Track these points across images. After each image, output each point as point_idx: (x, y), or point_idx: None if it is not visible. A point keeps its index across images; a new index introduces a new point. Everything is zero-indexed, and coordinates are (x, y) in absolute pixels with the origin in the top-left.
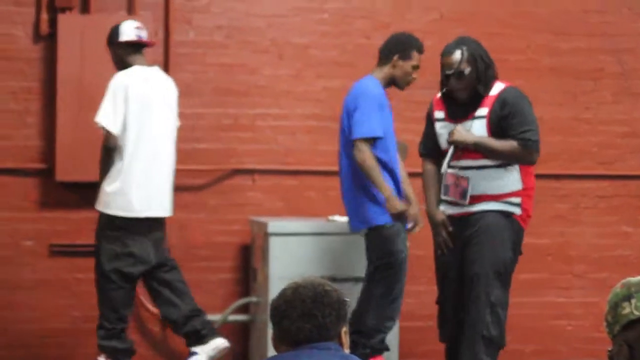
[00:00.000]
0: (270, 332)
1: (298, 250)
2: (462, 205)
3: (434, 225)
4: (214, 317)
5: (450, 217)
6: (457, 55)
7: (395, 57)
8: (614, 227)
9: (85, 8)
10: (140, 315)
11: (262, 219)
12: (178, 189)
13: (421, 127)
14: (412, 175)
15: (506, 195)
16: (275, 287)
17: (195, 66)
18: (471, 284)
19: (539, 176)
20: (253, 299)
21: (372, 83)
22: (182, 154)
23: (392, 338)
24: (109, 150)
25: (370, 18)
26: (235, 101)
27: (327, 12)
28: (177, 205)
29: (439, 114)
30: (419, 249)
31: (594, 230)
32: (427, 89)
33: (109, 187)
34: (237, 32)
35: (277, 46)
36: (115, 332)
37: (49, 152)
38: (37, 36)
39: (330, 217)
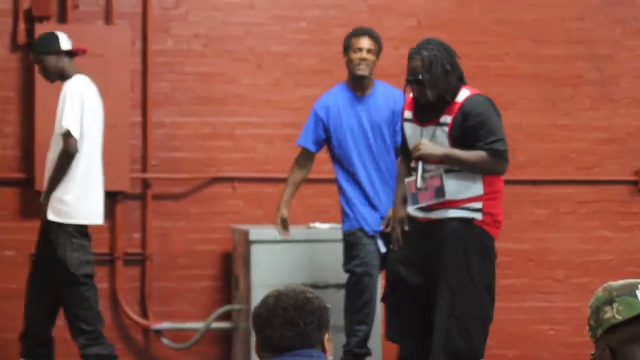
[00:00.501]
0: (253, 339)
1: (279, 257)
2: (428, 211)
3: (393, 220)
4: (196, 325)
5: (416, 220)
6: (417, 61)
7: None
8: (594, 232)
9: (62, 18)
10: (123, 324)
11: (244, 227)
12: (158, 197)
13: None
14: None
15: (466, 201)
16: (257, 294)
17: (173, 75)
18: (435, 297)
19: (517, 182)
20: (235, 306)
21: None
22: (162, 163)
23: (375, 342)
24: (71, 157)
25: (348, 26)
26: (214, 110)
27: (305, 21)
28: (157, 213)
29: (407, 114)
30: None
31: (574, 235)
32: None
33: (66, 195)
34: (215, 41)
35: (256, 55)
36: (97, 334)
37: (27, 161)
38: (14, 46)
39: (312, 224)
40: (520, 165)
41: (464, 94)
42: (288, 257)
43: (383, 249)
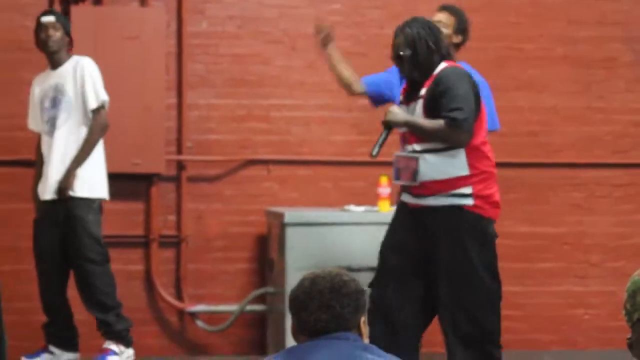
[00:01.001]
0: (288, 322)
1: (314, 240)
2: (417, 197)
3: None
4: (231, 307)
5: (409, 207)
6: (400, 38)
7: None
8: (629, 215)
9: (98, 0)
10: (158, 306)
11: (279, 210)
12: (193, 179)
13: None
14: None
15: (454, 184)
16: (292, 277)
17: (208, 57)
18: (432, 288)
19: (553, 165)
20: (270, 289)
21: None
22: (197, 145)
23: None
24: (105, 130)
25: (383, 8)
26: (249, 92)
27: (339, 3)
28: (192, 196)
29: (400, 96)
30: None
31: (609, 219)
32: None
33: (92, 171)
34: (249, 22)
35: (290, 37)
36: (121, 309)
37: None
38: None
39: (346, 207)
40: (555, 148)
41: (441, 66)
42: (323, 239)
43: None
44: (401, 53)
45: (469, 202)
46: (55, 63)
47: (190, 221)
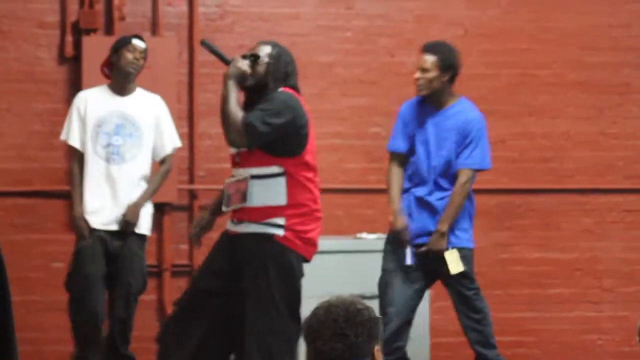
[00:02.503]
0: (302, 350)
1: (327, 268)
2: (236, 224)
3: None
4: None
5: (229, 234)
6: (268, 47)
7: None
8: None
9: (109, 30)
10: None
11: None
12: (205, 208)
13: None
14: None
15: (270, 213)
16: (305, 305)
17: (219, 86)
18: (235, 313)
19: (565, 190)
20: None
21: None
22: (209, 174)
23: (423, 355)
24: (170, 173)
25: (394, 36)
26: None
27: (350, 31)
28: None
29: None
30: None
31: (621, 244)
32: None
33: (149, 210)
34: None
35: (301, 65)
36: None
37: None
38: (62, 58)
39: (358, 235)
40: (568, 173)
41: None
42: (335, 267)
43: (408, 261)
44: (260, 54)
45: (280, 232)
46: (124, 89)
47: (202, 250)
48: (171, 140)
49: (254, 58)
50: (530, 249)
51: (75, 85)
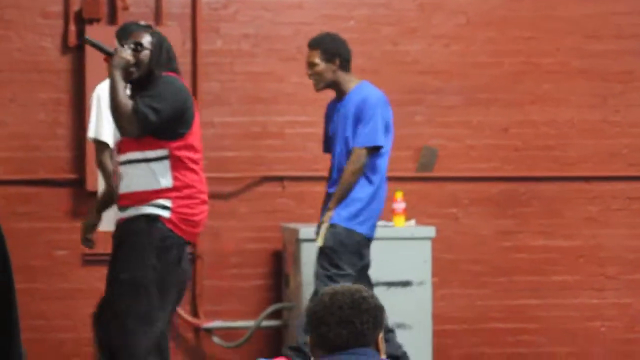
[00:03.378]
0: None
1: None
2: (120, 210)
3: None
4: (247, 323)
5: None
6: (146, 34)
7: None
8: None
9: (112, 19)
10: (174, 323)
11: (294, 226)
12: (209, 196)
13: (453, 131)
14: (444, 179)
15: (154, 195)
16: (307, 292)
17: (223, 75)
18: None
19: (569, 178)
20: (285, 304)
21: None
22: (212, 163)
23: (426, 342)
24: None
25: (397, 24)
26: (264, 109)
27: (353, 20)
28: (208, 213)
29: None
30: (449, 253)
31: (625, 231)
32: (456, 94)
33: None
34: (264, 40)
35: (304, 54)
36: None
37: (79, 162)
38: (65, 48)
39: None
40: (571, 161)
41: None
42: None
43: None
44: (142, 41)
45: (165, 213)
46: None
47: (205, 238)
48: None
49: (135, 46)
50: (534, 236)
51: (78, 75)
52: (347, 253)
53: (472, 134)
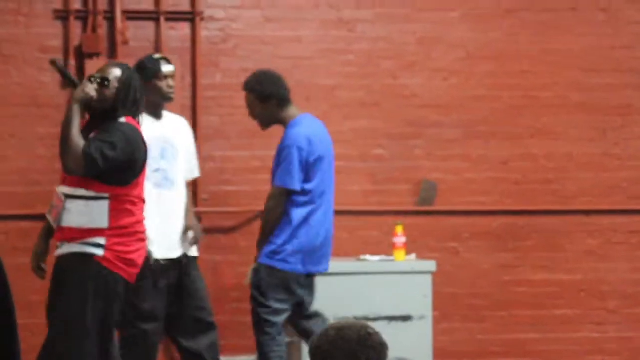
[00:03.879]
0: None
1: (331, 290)
2: (58, 245)
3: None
4: (248, 358)
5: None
6: (116, 69)
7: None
8: None
9: (112, 54)
10: (175, 357)
11: None
12: (209, 231)
13: (453, 165)
14: (444, 213)
15: (88, 234)
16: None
17: (223, 109)
18: None
19: (569, 212)
20: (287, 339)
21: None
22: (212, 197)
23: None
24: None
25: (396, 58)
26: (263, 143)
27: (353, 53)
28: (208, 247)
29: None
30: (450, 287)
31: (626, 265)
32: (456, 128)
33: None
34: None
35: (304, 88)
36: None
37: None
38: (64, 82)
39: (362, 257)
40: (571, 195)
41: (122, 120)
42: (339, 289)
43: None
44: (109, 77)
45: (99, 252)
46: (160, 114)
47: (206, 272)
48: (197, 165)
49: (102, 81)
50: (534, 270)
51: None
52: (270, 289)
53: (471, 167)
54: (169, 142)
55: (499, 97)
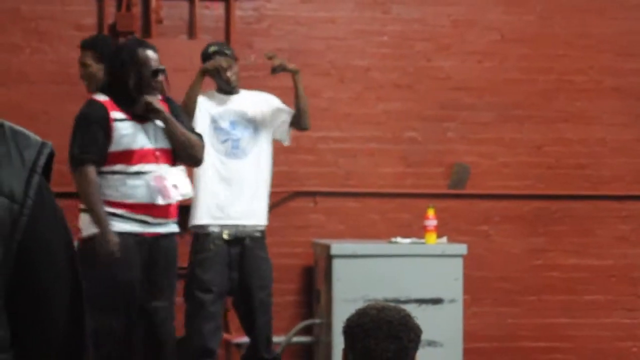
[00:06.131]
0: (335, 353)
1: (361, 272)
2: (155, 224)
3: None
4: (278, 338)
5: (139, 237)
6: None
7: None
8: None
9: (146, 32)
10: None
11: (325, 241)
12: None
13: (486, 148)
14: (476, 197)
15: (177, 210)
16: (339, 308)
17: (256, 89)
18: None
19: (601, 197)
20: (317, 320)
21: None
22: None
23: None
24: None
25: (430, 40)
26: None
27: (387, 35)
28: None
29: (122, 114)
30: (481, 271)
31: None
32: (489, 111)
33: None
34: (297, 54)
35: (338, 69)
36: None
37: None
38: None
39: (393, 239)
40: (603, 180)
41: None
42: (369, 271)
43: None
44: (163, 67)
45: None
46: (231, 92)
47: None
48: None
49: (159, 74)
50: (566, 255)
51: None
52: None
53: (505, 151)
54: (239, 115)
55: (533, 81)
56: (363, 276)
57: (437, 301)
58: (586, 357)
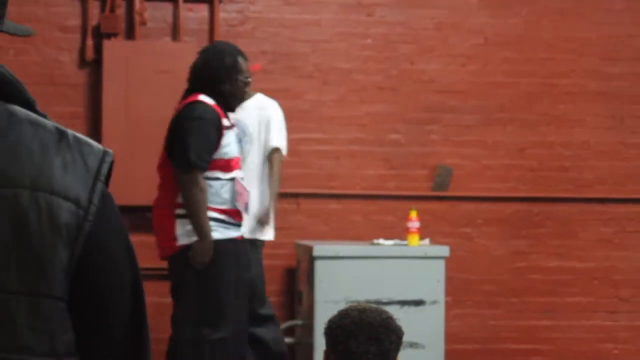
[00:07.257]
0: (316, 354)
1: (343, 273)
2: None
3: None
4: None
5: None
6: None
7: None
8: None
9: (130, 34)
10: None
11: (308, 243)
12: None
13: (469, 151)
14: (459, 199)
15: None
16: (321, 310)
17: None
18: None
19: (584, 200)
20: (298, 321)
21: None
22: None
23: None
24: None
25: (414, 43)
26: None
27: (371, 37)
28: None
29: (226, 121)
30: (463, 273)
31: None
32: (473, 114)
33: None
34: (281, 57)
35: (322, 71)
36: None
37: None
38: (82, 62)
39: (375, 241)
40: (586, 183)
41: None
42: (352, 273)
43: None
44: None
45: None
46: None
47: None
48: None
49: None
50: (548, 257)
51: (95, 89)
52: None
53: (488, 153)
54: (239, 127)
55: (517, 84)
56: (345, 278)
57: (419, 303)
58: (567, 359)
